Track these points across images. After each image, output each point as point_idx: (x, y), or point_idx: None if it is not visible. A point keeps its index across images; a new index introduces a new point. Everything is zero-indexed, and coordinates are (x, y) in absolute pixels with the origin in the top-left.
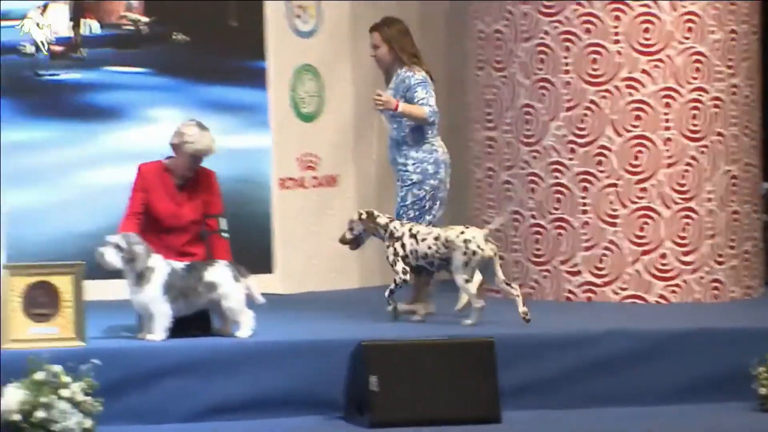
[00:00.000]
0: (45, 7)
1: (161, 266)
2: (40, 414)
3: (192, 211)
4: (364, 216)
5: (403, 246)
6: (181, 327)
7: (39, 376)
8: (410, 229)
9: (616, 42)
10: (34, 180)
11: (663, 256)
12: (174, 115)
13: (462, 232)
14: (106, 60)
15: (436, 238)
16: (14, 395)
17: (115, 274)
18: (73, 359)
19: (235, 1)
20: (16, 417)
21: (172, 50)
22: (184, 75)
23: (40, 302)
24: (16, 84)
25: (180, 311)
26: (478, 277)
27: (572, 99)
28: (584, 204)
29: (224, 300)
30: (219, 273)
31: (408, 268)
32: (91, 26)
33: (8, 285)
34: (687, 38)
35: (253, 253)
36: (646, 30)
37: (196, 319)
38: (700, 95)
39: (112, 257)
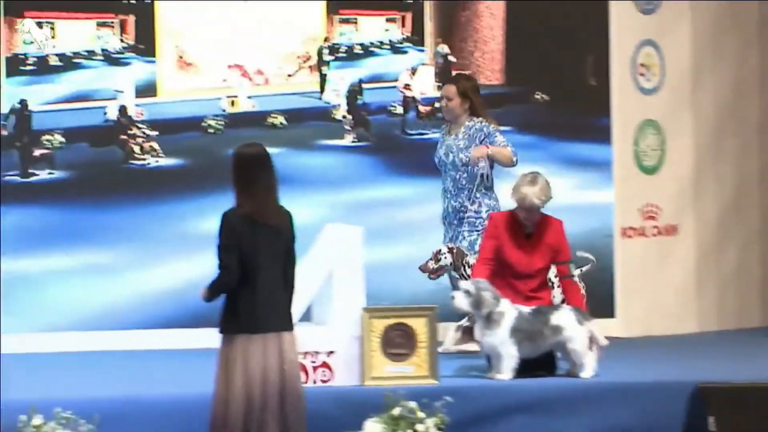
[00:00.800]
0: (414, 70)
1: (510, 311)
2: None
3: (540, 259)
4: (455, 250)
5: None
6: (527, 367)
7: (396, 411)
8: None
9: None
10: (400, 234)
11: None
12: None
13: (555, 276)
14: None
15: None
16: (374, 429)
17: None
18: (427, 396)
19: (593, 60)
20: None
21: (532, 109)
22: (543, 132)
23: (397, 343)
24: (386, 142)
25: (526, 353)
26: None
27: None
28: None
29: (569, 342)
30: (564, 317)
31: None
32: None
33: (368, 326)
34: None
35: (596, 299)
36: None
37: (542, 360)
38: None
39: (461, 302)
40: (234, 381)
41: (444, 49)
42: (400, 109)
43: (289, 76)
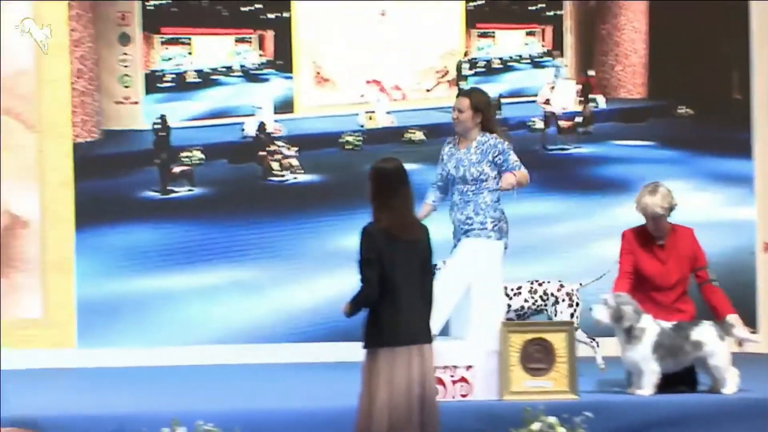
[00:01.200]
0: (553, 85)
1: (651, 326)
2: None
3: (676, 270)
4: None
5: None
6: (667, 383)
7: (536, 426)
8: None
9: None
10: (539, 250)
11: None
12: (678, 186)
13: (562, 286)
14: (612, 134)
15: (532, 292)
16: None
17: (608, 332)
18: (567, 411)
19: (739, 74)
20: None
21: (676, 123)
22: (687, 147)
23: (536, 357)
24: (525, 158)
25: (667, 368)
26: None
27: None
28: None
29: (710, 358)
30: (704, 332)
31: None
32: (597, 101)
33: (507, 341)
34: None
35: (739, 315)
36: None
37: (683, 376)
38: None
39: (601, 314)
40: (378, 394)
41: (562, 62)
42: (540, 124)
43: (428, 90)
